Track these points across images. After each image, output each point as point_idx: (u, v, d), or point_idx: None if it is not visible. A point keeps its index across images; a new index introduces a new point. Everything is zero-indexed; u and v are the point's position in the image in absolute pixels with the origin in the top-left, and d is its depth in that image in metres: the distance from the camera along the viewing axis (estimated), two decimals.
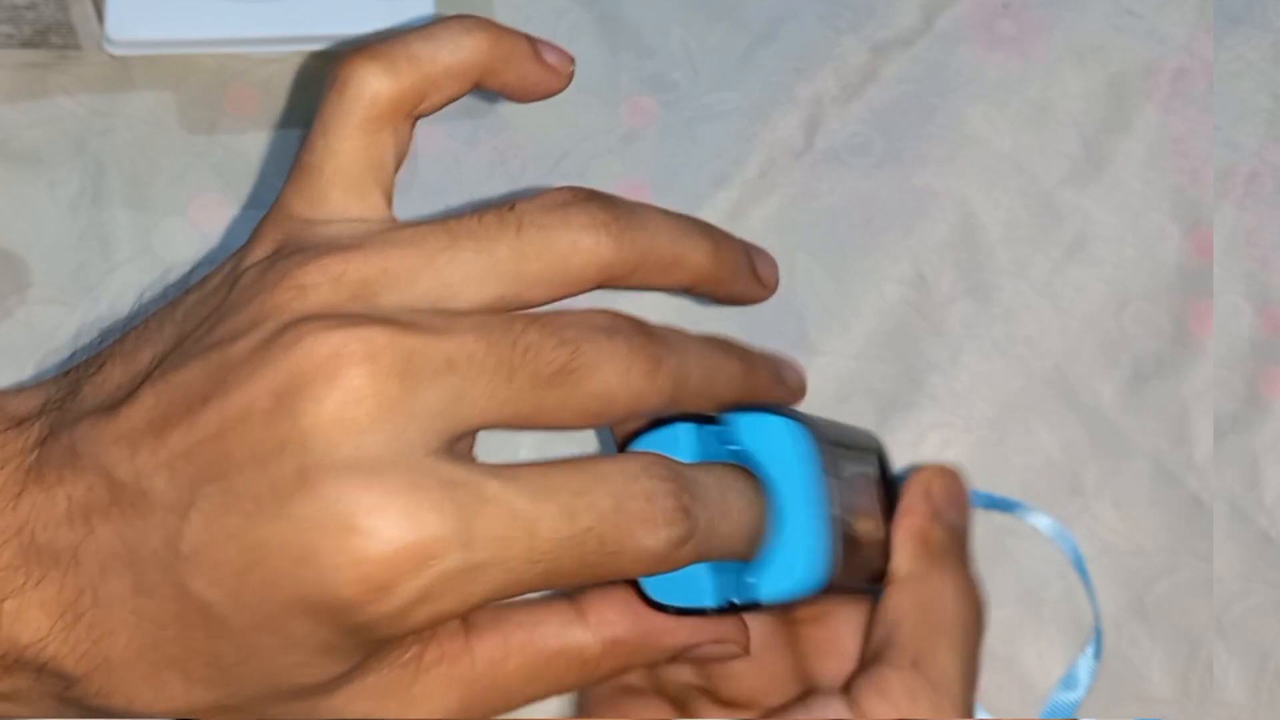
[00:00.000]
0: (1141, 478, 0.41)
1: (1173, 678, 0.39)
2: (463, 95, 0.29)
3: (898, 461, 0.40)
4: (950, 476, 0.34)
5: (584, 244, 0.27)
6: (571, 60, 0.31)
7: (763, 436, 0.30)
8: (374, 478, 0.23)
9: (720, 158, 0.43)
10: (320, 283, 0.25)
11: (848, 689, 0.31)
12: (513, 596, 0.26)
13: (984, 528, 0.40)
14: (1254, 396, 0.42)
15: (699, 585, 0.29)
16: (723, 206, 0.42)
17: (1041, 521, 0.40)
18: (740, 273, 0.32)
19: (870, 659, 0.31)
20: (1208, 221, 0.43)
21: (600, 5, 0.44)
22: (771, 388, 0.32)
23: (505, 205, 0.27)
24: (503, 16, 0.44)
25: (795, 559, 0.30)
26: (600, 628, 0.28)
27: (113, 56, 0.42)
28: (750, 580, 0.30)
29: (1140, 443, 0.41)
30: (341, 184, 0.28)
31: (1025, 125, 0.44)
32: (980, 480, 0.40)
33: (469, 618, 0.28)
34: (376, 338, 0.24)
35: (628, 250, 0.28)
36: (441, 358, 0.25)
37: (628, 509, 0.26)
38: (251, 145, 0.42)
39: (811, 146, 0.43)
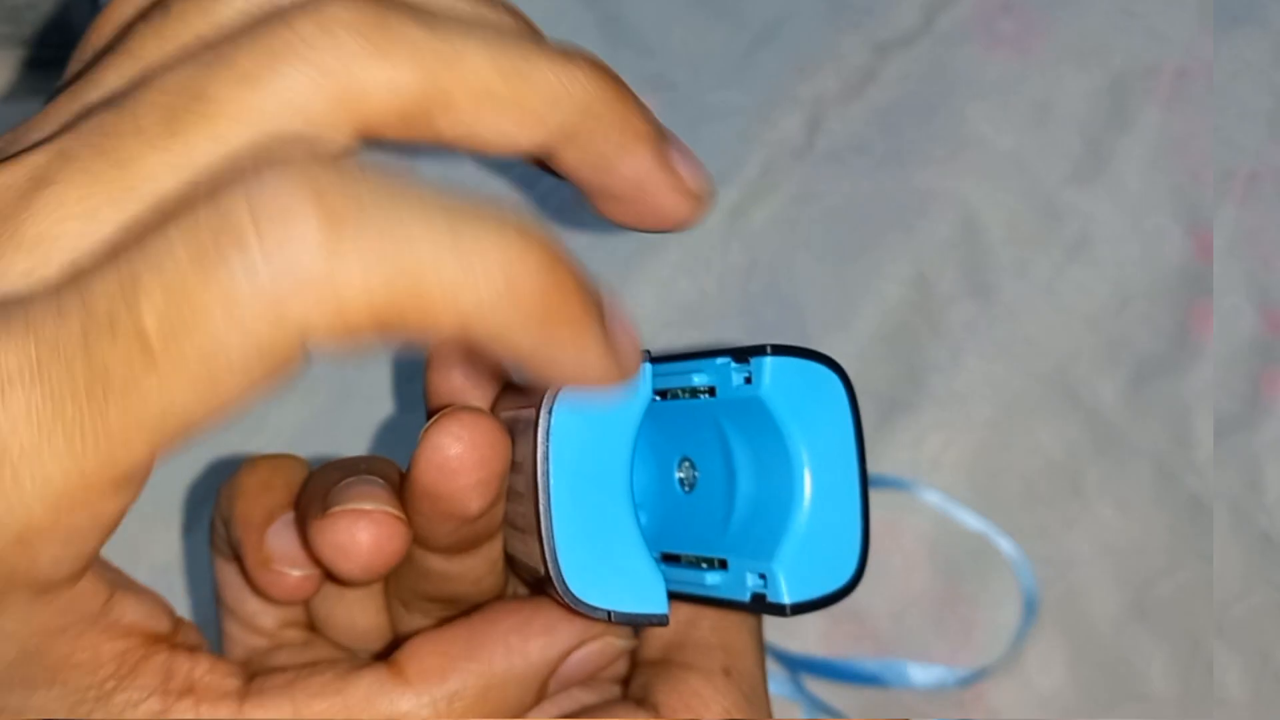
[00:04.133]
0: (1142, 478, 0.41)
1: (1173, 678, 0.39)
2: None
3: (899, 463, 0.40)
4: None
5: None
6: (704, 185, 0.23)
7: (790, 383, 0.24)
8: None
9: (721, 157, 0.43)
10: None
11: (644, 698, 0.26)
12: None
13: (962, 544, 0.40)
14: (1255, 397, 0.41)
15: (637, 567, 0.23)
16: (724, 206, 0.42)
17: (1007, 548, 0.40)
18: (639, 147, 0.21)
19: (659, 659, 0.27)
20: (1209, 222, 0.43)
21: (600, 5, 0.44)
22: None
23: None
24: None
25: (833, 551, 0.24)
26: (425, 683, 0.23)
27: None
28: (758, 574, 0.24)
29: (1141, 443, 0.41)
30: None
31: (1026, 125, 0.43)
32: (982, 481, 0.40)
33: (255, 679, 0.23)
34: None
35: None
36: None
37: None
38: None
39: (812, 146, 0.43)
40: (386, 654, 0.26)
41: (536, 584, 0.25)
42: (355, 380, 0.40)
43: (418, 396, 0.40)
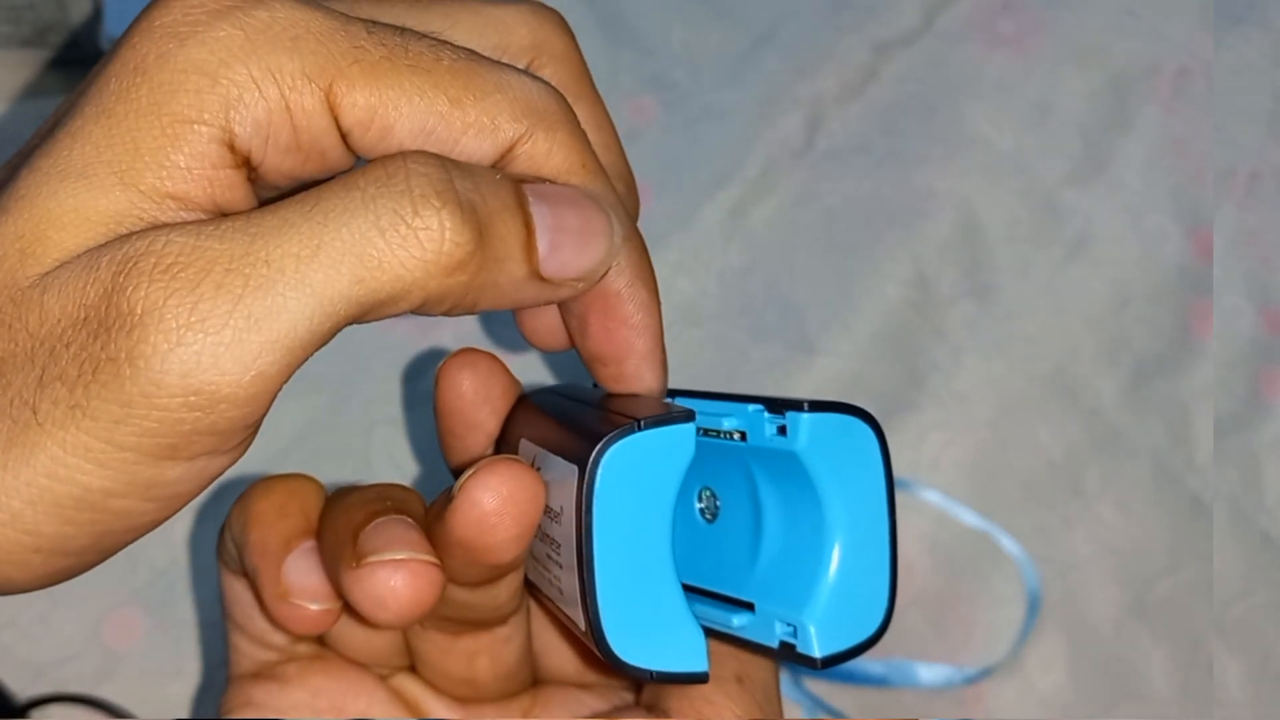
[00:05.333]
0: (1142, 478, 0.41)
1: (1173, 678, 0.39)
2: None
3: (899, 462, 0.40)
4: None
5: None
6: None
7: (825, 438, 0.24)
8: None
9: (721, 157, 0.43)
10: None
11: (655, 704, 0.27)
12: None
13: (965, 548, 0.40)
14: (1254, 397, 0.41)
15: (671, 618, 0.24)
16: (723, 206, 0.42)
17: (1011, 548, 0.40)
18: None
19: None
20: (1208, 221, 0.43)
21: (601, 5, 0.44)
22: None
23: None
24: None
25: (861, 603, 0.24)
26: None
27: None
28: (787, 623, 0.24)
29: (1141, 443, 0.41)
30: None
31: (1026, 125, 0.43)
32: (982, 481, 0.40)
33: None
34: None
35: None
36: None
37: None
38: None
39: (812, 146, 0.43)
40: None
41: (556, 611, 0.25)
42: (356, 380, 0.40)
43: (419, 396, 0.40)
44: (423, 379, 0.40)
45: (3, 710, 0.36)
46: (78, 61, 0.42)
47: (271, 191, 0.24)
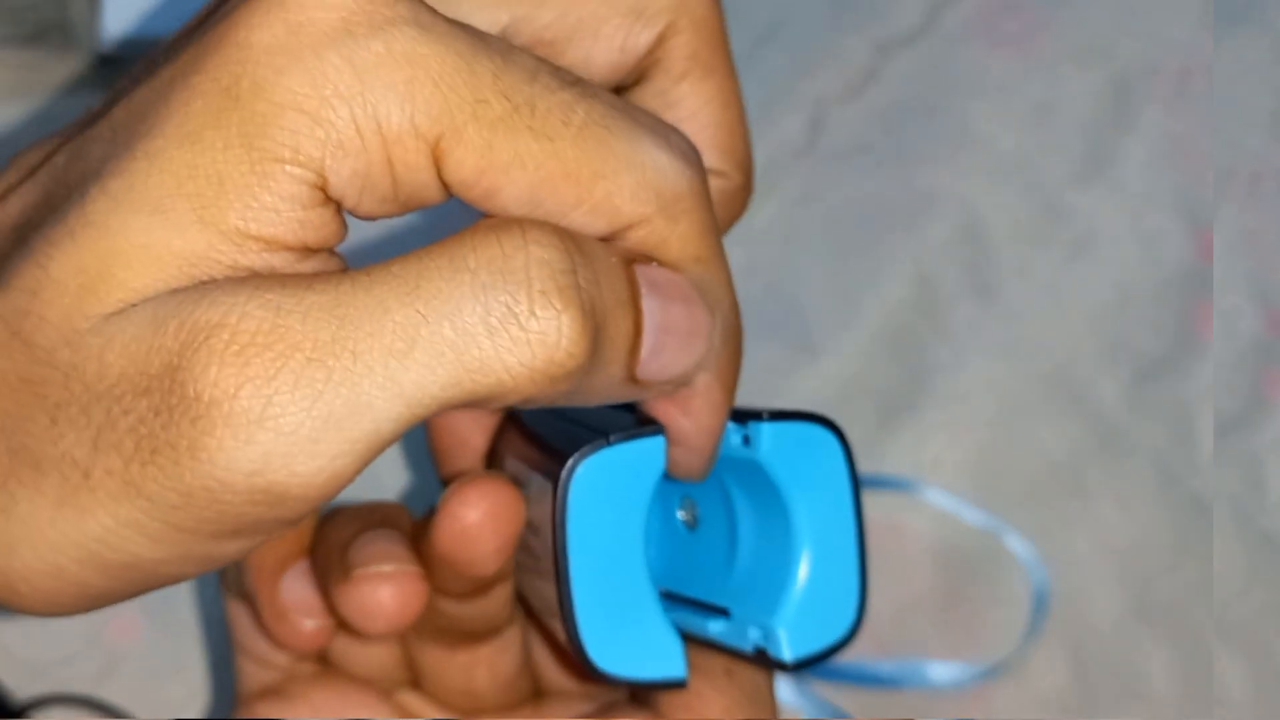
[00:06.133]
0: (1143, 478, 0.41)
1: (1173, 678, 0.39)
2: None
3: (901, 463, 0.40)
4: None
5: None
6: None
7: (788, 446, 0.25)
8: None
9: None
10: None
11: (645, 699, 0.27)
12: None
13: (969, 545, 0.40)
14: (1256, 397, 0.42)
15: (651, 629, 0.24)
16: None
17: (1019, 548, 0.40)
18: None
19: None
20: (1210, 222, 0.43)
21: None
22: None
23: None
24: None
25: (832, 606, 0.25)
26: None
27: (111, 55, 0.41)
28: (759, 627, 0.25)
29: (1142, 443, 0.41)
30: None
31: (1028, 125, 0.43)
32: (984, 481, 0.40)
33: None
34: None
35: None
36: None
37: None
38: None
39: (814, 146, 0.43)
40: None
41: (545, 624, 0.26)
42: None
43: None
44: None
45: (3, 710, 0.36)
46: (76, 61, 0.42)
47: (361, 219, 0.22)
